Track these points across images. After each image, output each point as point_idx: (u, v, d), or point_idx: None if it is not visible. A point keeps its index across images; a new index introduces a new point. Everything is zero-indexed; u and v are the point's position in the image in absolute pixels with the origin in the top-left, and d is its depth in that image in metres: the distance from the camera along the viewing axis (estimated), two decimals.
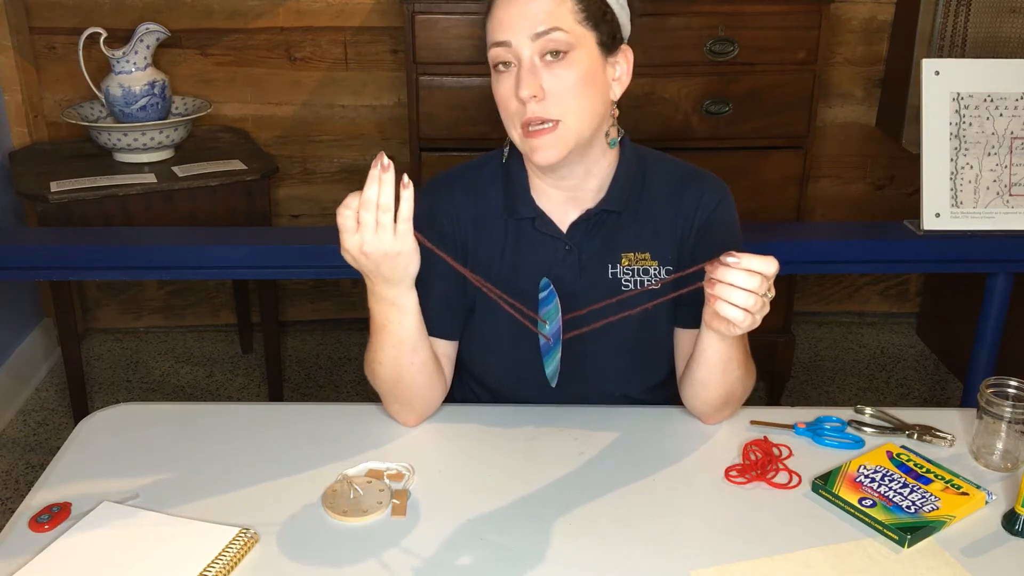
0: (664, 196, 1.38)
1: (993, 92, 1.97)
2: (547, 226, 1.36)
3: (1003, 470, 1.28)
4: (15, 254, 2.00)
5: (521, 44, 1.24)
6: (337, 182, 3.02)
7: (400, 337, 1.29)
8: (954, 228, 1.98)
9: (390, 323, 1.28)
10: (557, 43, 1.24)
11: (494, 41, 1.26)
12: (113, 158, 2.58)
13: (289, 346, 3.09)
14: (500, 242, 1.38)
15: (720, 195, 1.38)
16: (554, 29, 1.23)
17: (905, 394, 2.88)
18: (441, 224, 1.38)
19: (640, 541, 1.14)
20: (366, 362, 1.36)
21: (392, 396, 1.35)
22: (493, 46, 1.27)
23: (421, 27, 2.38)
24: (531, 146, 1.27)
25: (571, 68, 1.25)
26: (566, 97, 1.25)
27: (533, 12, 1.24)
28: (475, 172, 1.41)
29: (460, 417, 1.38)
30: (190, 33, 2.82)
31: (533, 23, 1.23)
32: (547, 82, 1.24)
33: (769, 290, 1.13)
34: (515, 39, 1.24)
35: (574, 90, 1.25)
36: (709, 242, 1.37)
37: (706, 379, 1.30)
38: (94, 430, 1.36)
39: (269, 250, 1.99)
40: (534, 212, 1.36)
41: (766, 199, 2.55)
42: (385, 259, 1.19)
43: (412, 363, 1.31)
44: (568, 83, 1.25)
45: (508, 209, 1.37)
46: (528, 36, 1.24)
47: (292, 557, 1.11)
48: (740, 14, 2.39)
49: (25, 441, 2.61)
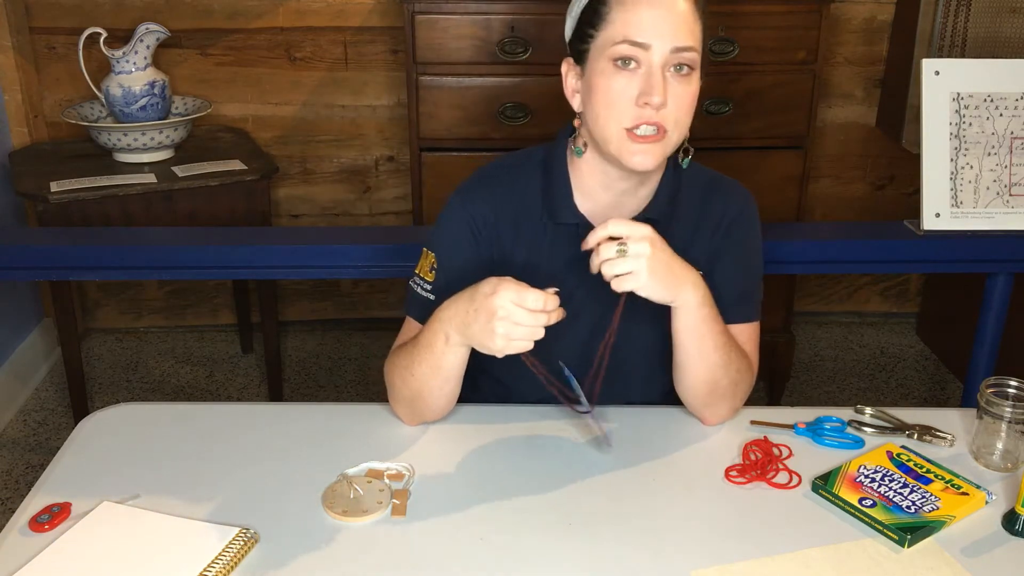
0: (693, 204, 1.39)
1: (993, 92, 1.97)
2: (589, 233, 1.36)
3: (1003, 470, 1.28)
4: (15, 254, 2.00)
5: (660, 52, 1.23)
6: (337, 182, 3.02)
7: (440, 364, 1.28)
8: (954, 228, 1.98)
9: (435, 347, 1.27)
10: (689, 60, 1.25)
11: (630, 39, 1.23)
12: (113, 158, 2.58)
13: (289, 346, 3.09)
14: (539, 244, 1.37)
15: (742, 204, 1.40)
16: (691, 48, 1.25)
17: (905, 394, 2.88)
18: (479, 228, 1.37)
19: (640, 541, 1.14)
20: (393, 364, 1.35)
21: (405, 402, 1.35)
22: (626, 43, 1.23)
23: (421, 27, 2.38)
24: (632, 149, 1.26)
25: (691, 86, 1.27)
26: (681, 112, 1.26)
27: (677, 24, 1.24)
28: (513, 172, 1.39)
29: (460, 417, 1.38)
30: (190, 33, 2.82)
31: (677, 36, 1.23)
32: (670, 92, 1.24)
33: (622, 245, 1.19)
34: (657, 46, 1.23)
35: (688, 107, 1.27)
36: (728, 246, 1.38)
37: (683, 361, 1.31)
38: (94, 430, 1.36)
39: (269, 250, 1.99)
40: (576, 218, 1.36)
41: (766, 199, 2.52)
42: (498, 334, 1.17)
43: (441, 389, 1.31)
44: (687, 99, 1.26)
45: (548, 211, 1.36)
46: (670, 47, 1.23)
47: (292, 557, 1.11)
48: (740, 14, 2.39)
49: (25, 441, 2.61)
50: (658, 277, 1.20)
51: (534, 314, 1.16)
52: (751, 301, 1.40)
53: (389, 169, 3.01)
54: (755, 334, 1.41)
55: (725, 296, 1.33)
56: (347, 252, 1.96)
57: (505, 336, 1.17)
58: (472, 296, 1.20)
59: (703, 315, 1.27)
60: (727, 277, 1.37)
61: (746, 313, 1.39)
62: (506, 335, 1.17)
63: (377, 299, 3.17)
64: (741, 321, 1.38)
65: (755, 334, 1.41)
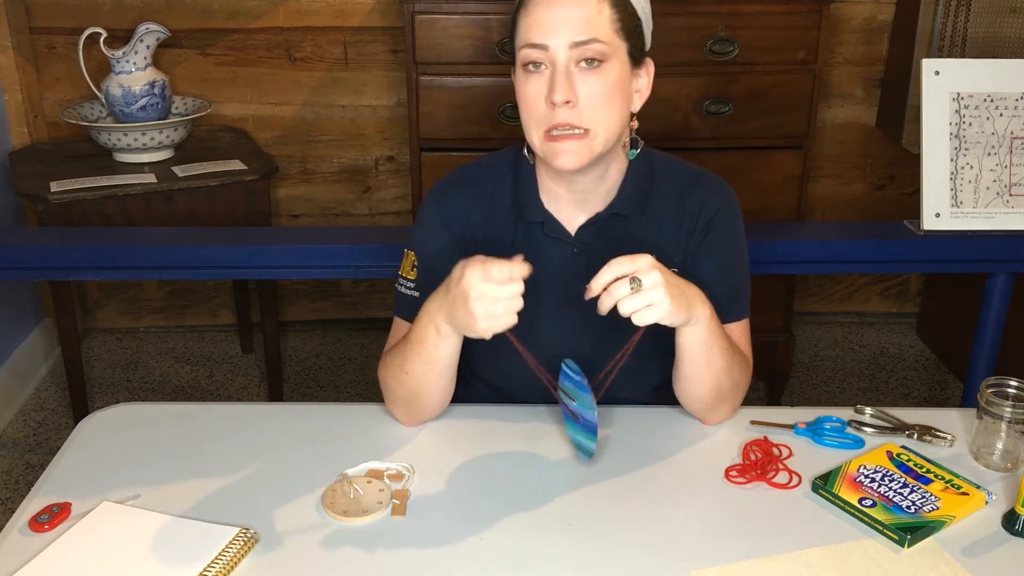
0: (670, 199, 1.38)
1: (993, 92, 1.97)
2: (556, 230, 1.36)
3: (1003, 470, 1.28)
4: (15, 254, 2.00)
5: (558, 49, 1.23)
6: (337, 182, 3.02)
7: (433, 358, 1.29)
8: (954, 228, 1.98)
9: (427, 342, 1.28)
10: (595, 52, 1.24)
11: (529, 42, 1.24)
12: (113, 158, 2.58)
13: (289, 346, 3.09)
14: (509, 243, 1.37)
15: (723, 198, 1.39)
16: (594, 40, 1.23)
17: (905, 394, 2.88)
18: (452, 224, 1.38)
19: (640, 541, 1.14)
20: (387, 365, 1.36)
21: (402, 402, 1.35)
22: (527, 47, 1.25)
23: (421, 27, 2.38)
24: (553, 150, 1.26)
25: (604, 78, 1.25)
26: (597, 106, 1.25)
27: (575, 19, 1.23)
28: (485, 172, 1.41)
29: (460, 417, 1.38)
30: (190, 33, 2.82)
31: (574, 31, 1.23)
32: (580, 89, 1.24)
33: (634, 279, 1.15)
34: (553, 44, 1.23)
35: (605, 99, 1.25)
36: (712, 244, 1.37)
37: (691, 373, 1.30)
38: (94, 430, 1.36)
39: (269, 250, 1.99)
40: (542, 216, 1.36)
41: (766, 199, 2.55)
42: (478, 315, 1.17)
43: (436, 384, 1.32)
44: (600, 92, 1.25)
45: (517, 211, 1.37)
46: (567, 43, 1.23)
47: (292, 557, 1.11)
48: (740, 14, 2.39)
49: (25, 441, 2.61)
50: (677, 302, 1.19)
51: (505, 286, 1.15)
52: (741, 298, 1.40)
53: (389, 169, 3.01)
54: (747, 330, 1.41)
55: (717, 296, 1.33)
56: (347, 252, 1.96)
57: (486, 316, 1.16)
58: (447, 286, 1.22)
59: (713, 327, 1.27)
60: (716, 277, 1.36)
61: (738, 311, 1.40)
62: (486, 315, 1.16)
63: (377, 299, 3.17)
64: (734, 319, 1.39)
65: (747, 330, 1.41)
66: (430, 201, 1.40)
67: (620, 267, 1.16)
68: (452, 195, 1.40)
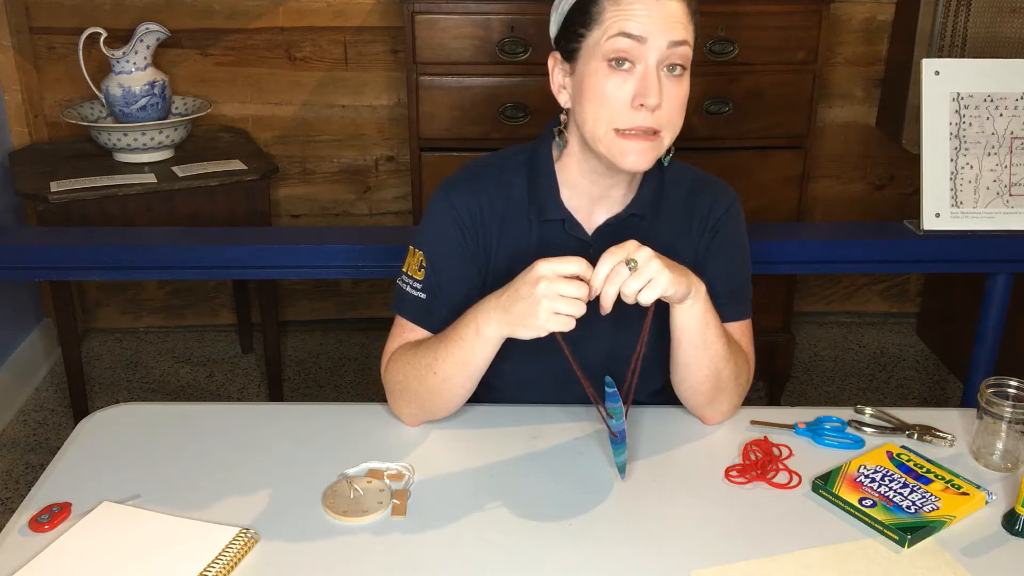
0: (679, 201, 1.39)
1: (993, 92, 1.97)
2: (575, 228, 1.35)
3: (1003, 470, 1.28)
4: (15, 254, 2.00)
5: (655, 47, 1.20)
6: (337, 182, 3.02)
7: (465, 360, 1.27)
8: (954, 228, 1.98)
9: (466, 341, 1.26)
10: (682, 58, 1.23)
11: (624, 31, 1.20)
12: (113, 158, 2.58)
13: (289, 346, 3.09)
14: (525, 241, 1.36)
15: (728, 202, 1.40)
16: (686, 43, 1.22)
17: (905, 394, 2.88)
18: (464, 221, 1.36)
19: (640, 541, 1.14)
20: (404, 363, 1.33)
21: (417, 400, 1.33)
22: (620, 35, 1.20)
23: (421, 27, 2.38)
24: (623, 149, 1.24)
25: (683, 86, 1.25)
26: (674, 111, 1.24)
27: (672, 19, 1.21)
28: (497, 169, 1.39)
29: (460, 417, 1.38)
30: (190, 33, 2.82)
31: (673, 30, 1.20)
32: (664, 94, 1.22)
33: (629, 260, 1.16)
34: (654, 39, 1.20)
35: (680, 108, 1.25)
36: (719, 245, 1.38)
37: (689, 359, 1.30)
38: (94, 430, 1.36)
39: (269, 250, 1.99)
40: (563, 214, 1.35)
41: (766, 199, 2.55)
42: (542, 308, 1.16)
43: (462, 386, 1.31)
44: (679, 100, 1.24)
45: (535, 209, 1.36)
46: (666, 41, 1.20)
47: (292, 557, 1.11)
48: (740, 14, 2.39)
49: (25, 441, 2.61)
50: (675, 272, 1.19)
51: (575, 284, 1.15)
52: (744, 298, 1.41)
53: (389, 169, 3.01)
54: (749, 331, 1.42)
55: (720, 295, 1.34)
56: (347, 252, 1.96)
57: (548, 310, 1.15)
58: (511, 284, 1.20)
59: (709, 305, 1.27)
60: (720, 276, 1.37)
61: (741, 311, 1.40)
62: (549, 309, 1.15)
63: (377, 299, 3.17)
64: (736, 319, 1.39)
65: (749, 331, 1.42)
66: (441, 199, 1.37)
67: (612, 256, 1.17)
68: (464, 192, 1.37)
